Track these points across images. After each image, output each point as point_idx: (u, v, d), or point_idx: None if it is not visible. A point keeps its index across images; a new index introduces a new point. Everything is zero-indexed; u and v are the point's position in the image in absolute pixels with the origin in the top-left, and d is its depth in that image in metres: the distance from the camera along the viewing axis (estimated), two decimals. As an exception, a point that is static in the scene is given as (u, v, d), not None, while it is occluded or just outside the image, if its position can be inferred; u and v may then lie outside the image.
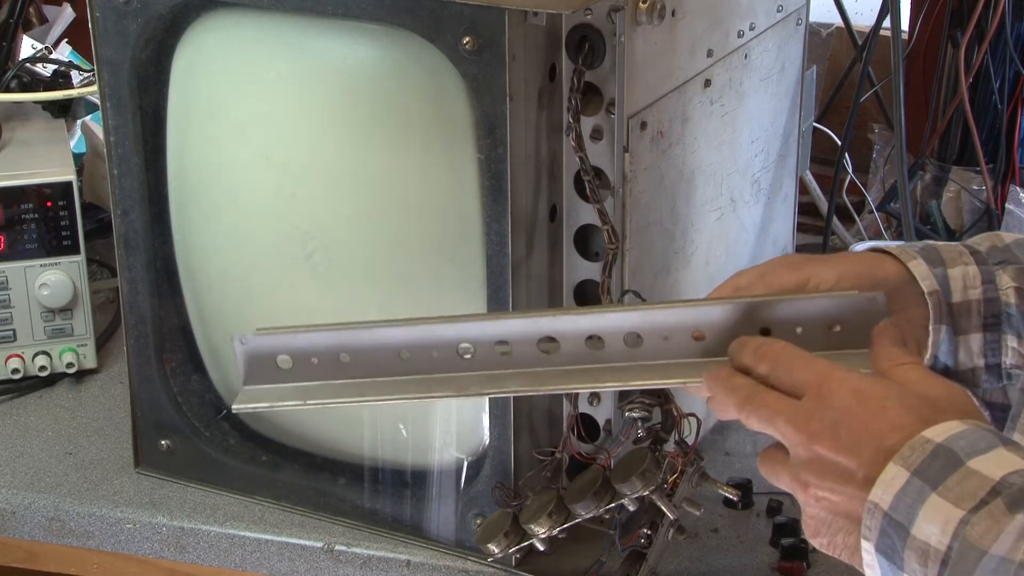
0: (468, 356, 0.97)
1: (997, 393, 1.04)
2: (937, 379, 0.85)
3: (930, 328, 1.01)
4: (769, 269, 1.01)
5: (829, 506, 0.83)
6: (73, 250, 1.54)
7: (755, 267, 1.01)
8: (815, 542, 0.86)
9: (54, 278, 1.53)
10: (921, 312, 1.01)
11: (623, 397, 1.12)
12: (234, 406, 0.99)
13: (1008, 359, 1.02)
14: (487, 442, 1.22)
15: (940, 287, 1.01)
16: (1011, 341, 1.01)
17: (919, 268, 1.02)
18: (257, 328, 0.98)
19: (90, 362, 1.58)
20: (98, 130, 1.68)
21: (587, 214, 1.17)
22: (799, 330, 0.93)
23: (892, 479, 0.78)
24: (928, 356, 1.01)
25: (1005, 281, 1.02)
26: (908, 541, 0.77)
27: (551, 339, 0.96)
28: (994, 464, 0.76)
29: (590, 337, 0.96)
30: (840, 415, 0.82)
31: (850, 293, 0.93)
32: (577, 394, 1.17)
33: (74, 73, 1.82)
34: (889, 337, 0.89)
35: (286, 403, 0.98)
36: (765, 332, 0.94)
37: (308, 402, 0.98)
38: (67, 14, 2.06)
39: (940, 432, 0.79)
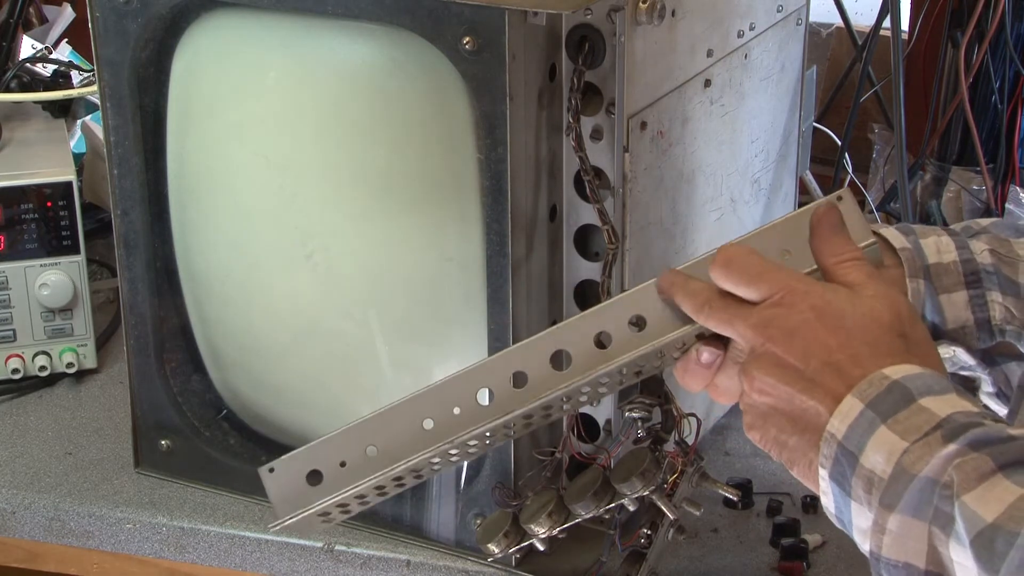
0: (488, 402, 0.96)
1: (1003, 386, 1.04)
2: (879, 286, 0.89)
3: (907, 282, 1.02)
4: None
5: (771, 401, 0.87)
6: (73, 250, 1.54)
7: None
8: (749, 435, 0.90)
9: (54, 278, 1.53)
10: (899, 272, 1.03)
11: (623, 397, 1.12)
12: (271, 527, 1.00)
13: (997, 314, 1.03)
14: (487, 442, 1.22)
15: (913, 248, 1.03)
16: (996, 296, 1.02)
17: (889, 232, 1.04)
18: (283, 456, 0.98)
19: (90, 362, 1.58)
20: (98, 130, 1.68)
21: (587, 214, 1.17)
22: (787, 254, 0.94)
23: (848, 411, 0.82)
24: None
25: (979, 246, 1.03)
26: (856, 469, 0.81)
27: (564, 355, 0.96)
28: (944, 404, 0.80)
29: (598, 335, 0.96)
30: (797, 326, 0.86)
31: (821, 199, 0.95)
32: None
33: (74, 73, 1.82)
34: (828, 226, 0.93)
35: (321, 505, 0.99)
36: None
37: (342, 494, 0.98)
38: (67, 14, 2.06)
39: (899, 371, 0.83)
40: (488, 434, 0.97)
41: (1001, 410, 1.06)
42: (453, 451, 0.97)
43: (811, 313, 0.86)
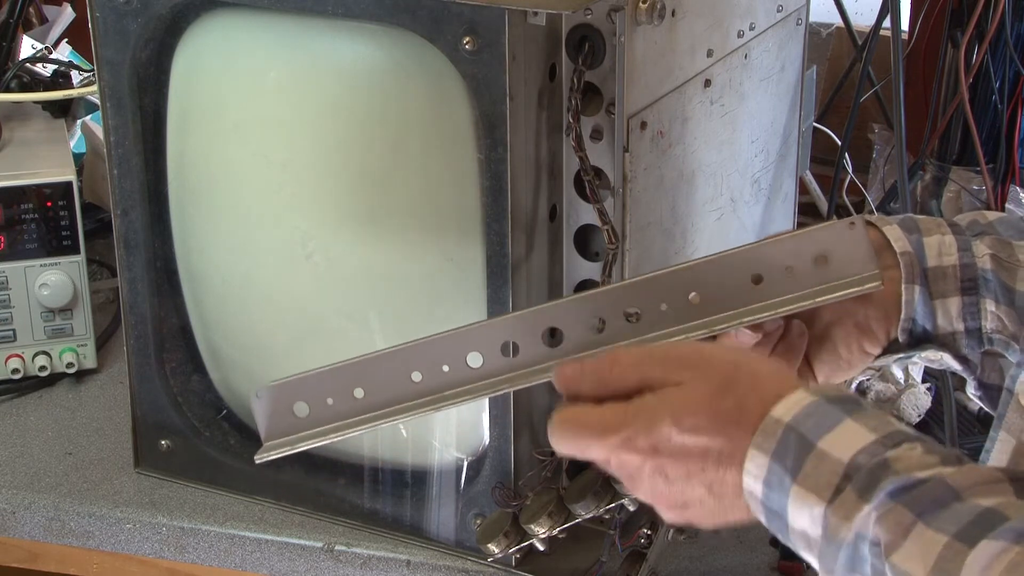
0: (478, 366, 0.97)
1: (994, 375, 1.04)
2: (674, 356, 0.88)
3: (902, 287, 1.02)
4: None
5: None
6: (73, 250, 1.54)
7: None
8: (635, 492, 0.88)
9: (54, 278, 1.53)
10: (896, 273, 1.03)
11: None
12: (256, 457, 1.00)
13: (988, 323, 1.03)
14: (487, 442, 1.22)
15: (914, 250, 1.02)
16: (989, 305, 1.02)
17: (892, 231, 1.03)
18: (271, 381, 0.99)
19: (90, 362, 1.58)
20: (98, 130, 1.68)
21: (587, 214, 1.17)
22: (790, 270, 0.95)
23: (757, 469, 0.82)
24: (904, 317, 1.03)
25: (981, 249, 1.03)
26: (788, 531, 0.81)
27: (557, 333, 0.97)
28: (843, 442, 0.80)
29: (592, 322, 0.96)
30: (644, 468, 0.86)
31: (830, 222, 0.95)
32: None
33: (74, 73, 1.82)
34: (595, 370, 0.90)
35: (307, 443, 0.99)
36: (757, 280, 0.96)
37: (328, 437, 0.99)
38: (67, 14, 2.06)
39: (788, 409, 0.82)
40: (467, 392, 0.97)
41: (984, 405, 1.06)
42: (434, 411, 0.98)
43: (657, 458, 0.85)
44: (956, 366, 1.05)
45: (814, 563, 0.81)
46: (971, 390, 1.07)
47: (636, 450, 0.85)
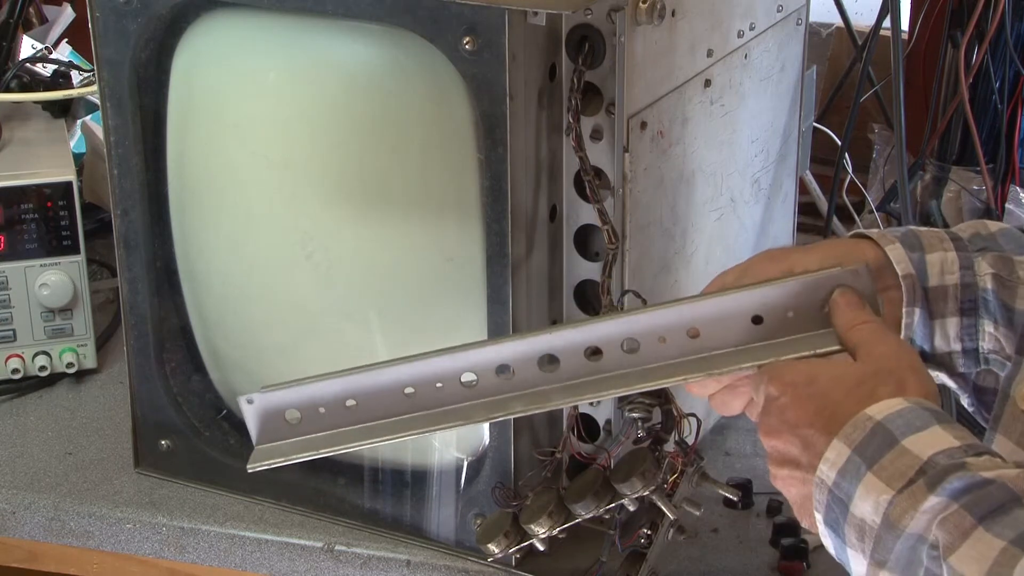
0: (472, 385, 0.97)
1: (989, 378, 1.04)
2: (888, 343, 0.91)
3: (903, 311, 1.02)
4: (751, 264, 1.02)
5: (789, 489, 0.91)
6: (73, 250, 1.54)
7: (738, 265, 1.03)
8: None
9: (54, 278, 1.53)
10: (900, 294, 1.03)
11: (623, 398, 1.12)
12: (248, 466, 1.00)
13: (985, 344, 1.03)
14: (487, 442, 1.22)
15: (916, 271, 1.03)
16: (988, 326, 1.02)
17: (895, 252, 1.03)
18: (262, 386, 0.99)
19: (90, 362, 1.58)
20: (98, 130, 1.68)
21: (587, 214, 1.17)
22: (790, 314, 0.95)
23: (836, 457, 0.84)
24: (903, 339, 1.03)
25: (983, 267, 1.03)
26: (848, 517, 0.82)
27: (552, 358, 0.97)
28: (926, 443, 0.81)
29: (588, 349, 0.96)
30: (778, 417, 0.90)
31: (833, 270, 0.95)
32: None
33: (74, 73, 1.82)
34: (845, 303, 0.96)
35: (299, 456, 0.99)
36: (757, 320, 0.96)
37: (321, 451, 0.99)
38: (67, 14, 2.06)
39: (882, 409, 0.84)
40: (462, 414, 0.98)
41: (978, 416, 1.06)
42: (422, 425, 0.98)
43: (787, 395, 0.89)
44: (951, 384, 1.05)
45: (862, 558, 0.82)
46: (964, 403, 1.07)
47: (778, 381, 0.90)
